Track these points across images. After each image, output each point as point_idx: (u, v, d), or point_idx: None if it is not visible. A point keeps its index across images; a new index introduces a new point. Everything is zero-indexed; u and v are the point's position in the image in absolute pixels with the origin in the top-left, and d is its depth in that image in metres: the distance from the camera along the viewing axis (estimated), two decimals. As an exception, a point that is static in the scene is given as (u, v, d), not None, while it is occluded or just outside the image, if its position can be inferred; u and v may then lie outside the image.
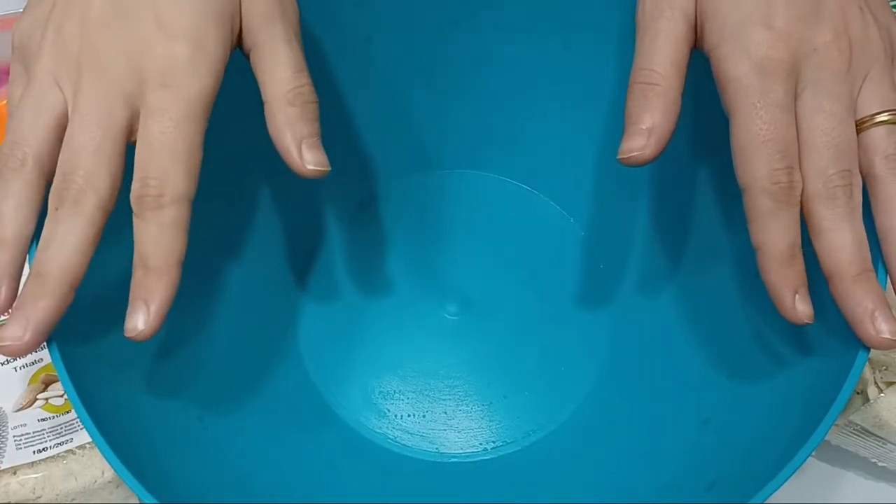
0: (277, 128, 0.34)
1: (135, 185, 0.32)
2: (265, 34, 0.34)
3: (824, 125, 0.32)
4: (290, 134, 0.33)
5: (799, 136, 0.32)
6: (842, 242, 0.32)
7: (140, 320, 0.32)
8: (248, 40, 0.34)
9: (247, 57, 0.35)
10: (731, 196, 0.40)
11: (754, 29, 0.32)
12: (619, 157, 0.34)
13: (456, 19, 0.42)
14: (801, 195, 0.32)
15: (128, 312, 0.32)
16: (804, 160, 0.32)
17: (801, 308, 0.33)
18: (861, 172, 0.33)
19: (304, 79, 0.34)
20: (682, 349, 0.41)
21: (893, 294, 0.35)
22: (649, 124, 0.33)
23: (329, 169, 0.34)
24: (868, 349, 0.32)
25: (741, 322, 0.39)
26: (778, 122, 0.32)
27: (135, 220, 0.32)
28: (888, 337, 0.32)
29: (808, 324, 0.33)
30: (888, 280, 0.33)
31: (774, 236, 0.32)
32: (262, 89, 0.34)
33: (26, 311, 0.31)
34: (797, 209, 0.32)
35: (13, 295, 0.33)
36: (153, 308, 0.32)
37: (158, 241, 0.32)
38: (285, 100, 0.34)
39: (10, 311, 0.32)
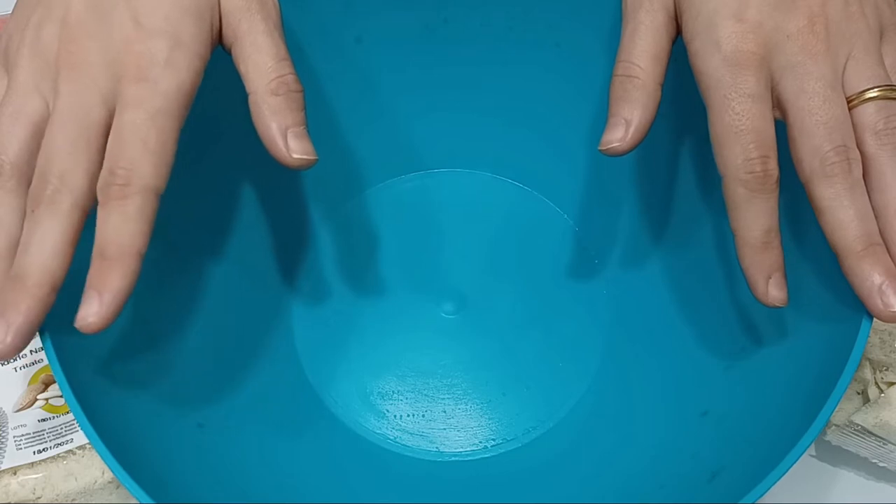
0: (262, 118, 0.33)
1: (102, 174, 0.31)
2: (244, 26, 0.34)
3: (808, 105, 0.32)
4: (274, 124, 0.33)
5: (788, 122, 0.33)
6: (844, 219, 0.32)
7: (91, 311, 0.30)
8: (228, 34, 0.34)
9: (229, 52, 0.34)
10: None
11: (724, 22, 0.33)
12: (599, 147, 0.34)
13: (446, 18, 0.43)
14: (801, 178, 0.33)
15: (81, 302, 0.30)
16: (797, 144, 0.32)
17: (773, 293, 0.33)
18: None
19: (287, 68, 0.34)
20: (678, 342, 0.42)
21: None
22: (628, 116, 0.34)
23: (316, 158, 0.33)
24: (867, 333, 0.32)
25: (736, 314, 0.39)
26: (750, 113, 0.32)
27: (98, 209, 0.31)
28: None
29: (780, 307, 0.33)
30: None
31: (748, 223, 0.33)
32: (244, 81, 0.34)
33: (7, 316, 0.30)
34: (773, 196, 0.32)
35: None
36: (106, 299, 0.30)
37: (119, 230, 0.30)
38: (268, 90, 0.33)
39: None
